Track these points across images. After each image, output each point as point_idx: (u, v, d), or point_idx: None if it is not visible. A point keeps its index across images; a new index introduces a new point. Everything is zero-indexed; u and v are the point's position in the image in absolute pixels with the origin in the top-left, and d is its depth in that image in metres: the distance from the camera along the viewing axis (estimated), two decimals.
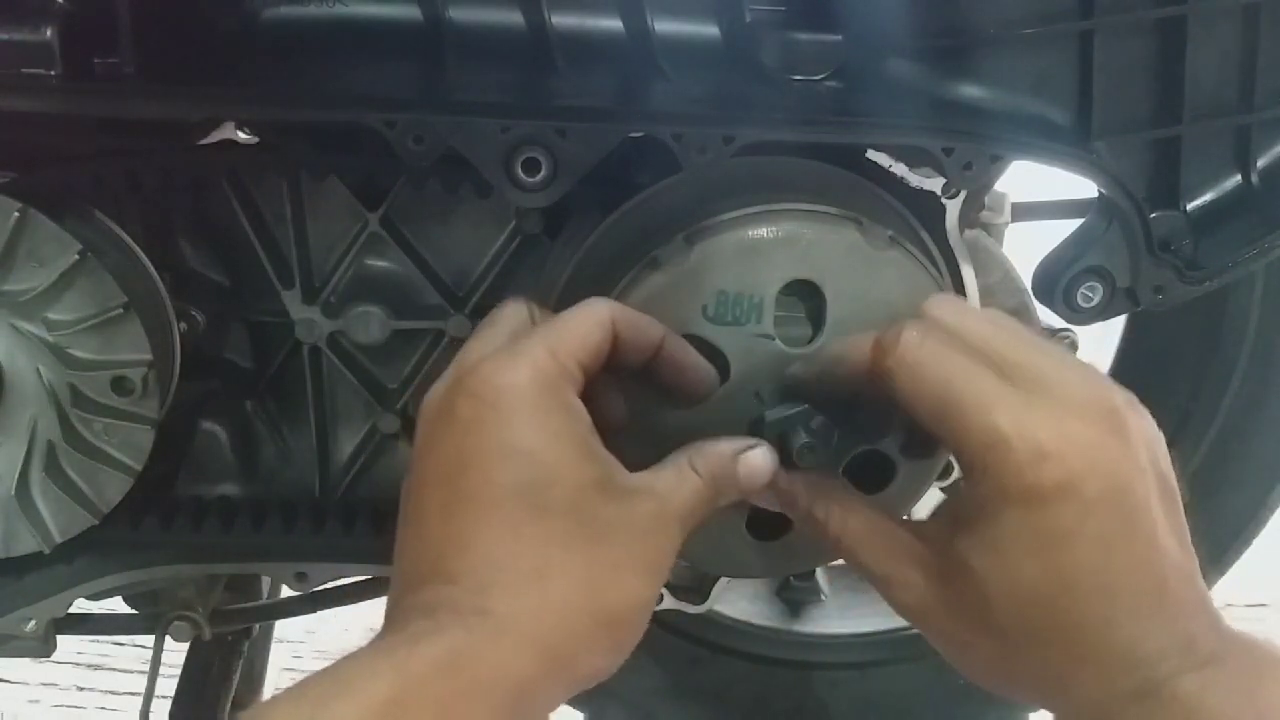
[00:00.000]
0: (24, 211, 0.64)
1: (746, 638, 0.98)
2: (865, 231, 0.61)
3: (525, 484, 0.51)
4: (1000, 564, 0.50)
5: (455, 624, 0.48)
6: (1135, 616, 0.49)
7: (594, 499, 0.51)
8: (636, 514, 0.53)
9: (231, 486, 0.80)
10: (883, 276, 0.61)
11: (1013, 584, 0.50)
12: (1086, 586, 0.49)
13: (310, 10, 0.66)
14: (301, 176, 0.73)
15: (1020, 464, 0.49)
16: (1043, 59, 0.68)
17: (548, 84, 0.67)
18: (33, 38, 0.61)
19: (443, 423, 0.53)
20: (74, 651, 1.47)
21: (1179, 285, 0.71)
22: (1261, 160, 0.72)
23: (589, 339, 0.54)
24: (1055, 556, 0.49)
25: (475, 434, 0.51)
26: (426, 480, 0.53)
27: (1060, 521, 0.49)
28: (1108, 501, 0.49)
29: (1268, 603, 1.61)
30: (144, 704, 0.84)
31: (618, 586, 0.51)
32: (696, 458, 0.56)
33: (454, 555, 0.50)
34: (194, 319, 0.74)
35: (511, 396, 0.51)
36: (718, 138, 0.62)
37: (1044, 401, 0.50)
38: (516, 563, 0.50)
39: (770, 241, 0.61)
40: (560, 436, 0.52)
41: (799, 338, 0.61)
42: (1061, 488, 0.48)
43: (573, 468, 0.51)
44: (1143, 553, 0.49)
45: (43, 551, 0.71)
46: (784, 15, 0.68)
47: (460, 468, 0.51)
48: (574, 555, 0.51)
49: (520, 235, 0.75)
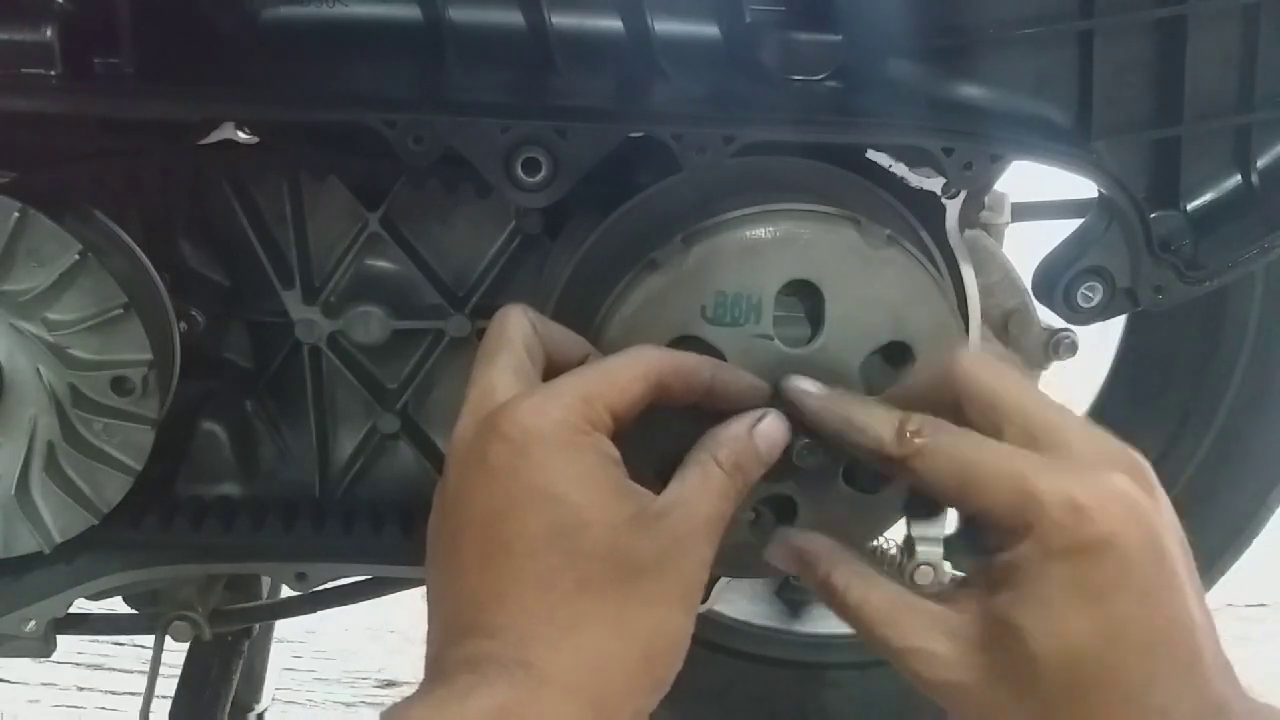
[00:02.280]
0: (24, 211, 0.64)
1: (747, 638, 0.98)
2: (863, 231, 0.61)
3: (558, 530, 0.51)
4: (1047, 618, 0.49)
5: (500, 677, 0.48)
6: (1173, 675, 0.49)
7: (625, 537, 0.51)
8: (665, 538, 0.52)
9: (231, 486, 0.80)
10: (881, 275, 0.61)
11: (1061, 639, 0.49)
12: (1130, 641, 0.49)
13: (310, 10, 0.66)
14: (301, 176, 0.73)
15: (1060, 520, 0.49)
16: (1043, 59, 0.68)
17: (548, 84, 0.67)
18: (33, 38, 0.61)
19: (476, 467, 0.53)
20: (74, 651, 1.47)
21: (1179, 285, 0.71)
22: (1261, 160, 0.72)
23: (628, 391, 0.54)
24: (1101, 609, 0.49)
25: (509, 481, 0.52)
26: (462, 527, 0.53)
27: (1105, 573, 0.49)
28: (1147, 555, 0.49)
29: (1268, 603, 1.61)
30: (144, 704, 0.84)
31: (652, 622, 0.51)
32: (716, 449, 0.56)
33: (493, 607, 0.51)
34: (194, 319, 0.74)
35: (542, 442, 0.51)
36: (718, 138, 0.62)
37: (1072, 461, 0.51)
38: (552, 614, 0.50)
39: (768, 242, 0.61)
40: (590, 478, 0.52)
41: (798, 337, 0.61)
42: (1103, 540, 0.49)
43: (604, 508, 0.51)
44: (1180, 610, 0.49)
45: (43, 551, 0.71)
46: (784, 15, 0.68)
47: (496, 516, 0.52)
48: (608, 601, 0.51)
49: (520, 235, 0.75)
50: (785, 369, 0.60)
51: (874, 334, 0.62)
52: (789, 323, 0.61)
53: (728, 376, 0.58)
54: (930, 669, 0.53)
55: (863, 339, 0.61)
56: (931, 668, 0.53)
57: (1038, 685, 0.50)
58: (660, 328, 0.61)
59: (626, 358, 0.56)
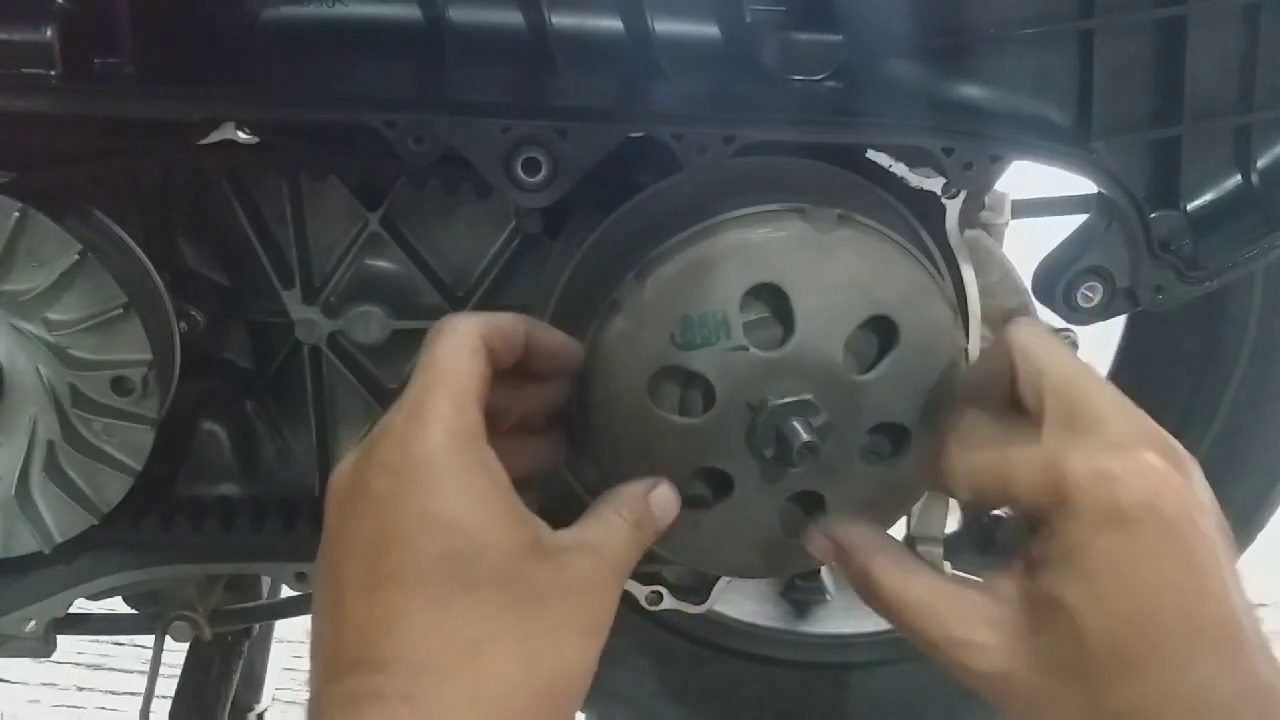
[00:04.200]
0: (24, 211, 0.64)
1: (752, 639, 0.98)
2: (811, 218, 0.60)
3: (452, 555, 0.48)
4: (1094, 593, 0.49)
5: (381, 716, 0.45)
6: (1215, 652, 0.48)
7: (526, 564, 0.49)
8: (570, 573, 0.50)
9: (231, 486, 0.80)
10: (839, 257, 0.60)
11: (1107, 612, 0.49)
12: (1173, 608, 0.48)
13: (310, 10, 0.66)
14: (301, 176, 0.73)
15: (1095, 491, 0.49)
16: (1043, 59, 0.68)
17: (548, 84, 0.67)
18: (33, 38, 0.61)
19: (356, 499, 0.50)
20: (74, 651, 1.47)
21: (1179, 285, 0.71)
22: (1261, 160, 0.72)
23: (474, 378, 0.52)
24: (1145, 576, 0.48)
25: (395, 509, 0.49)
26: (344, 562, 0.50)
27: (1146, 540, 0.48)
28: (1184, 522, 0.49)
29: (1268, 603, 1.60)
30: (144, 704, 0.84)
31: (557, 653, 0.49)
32: (620, 505, 0.55)
33: (380, 640, 0.47)
34: (194, 319, 0.74)
35: (430, 465, 0.49)
36: (718, 138, 0.62)
37: (1105, 438, 0.51)
38: (448, 643, 0.47)
39: (716, 255, 0.60)
40: (484, 501, 0.49)
41: (772, 339, 0.61)
42: (1141, 506, 0.48)
43: (500, 533, 0.49)
44: (1219, 584, 0.49)
45: (43, 551, 0.71)
46: (784, 15, 0.68)
47: (381, 545, 0.48)
48: (508, 627, 0.48)
49: (520, 235, 0.75)
50: (768, 374, 0.60)
51: (848, 316, 0.61)
52: (760, 326, 0.61)
53: (539, 331, 0.58)
54: (976, 660, 0.52)
55: (838, 324, 0.61)
56: (977, 659, 0.52)
57: (1086, 667, 0.49)
58: (637, 364, 0.60)
59: (448, 339, 0.53)
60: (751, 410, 0.60)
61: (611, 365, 0.60)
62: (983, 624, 0.52)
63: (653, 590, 0.81)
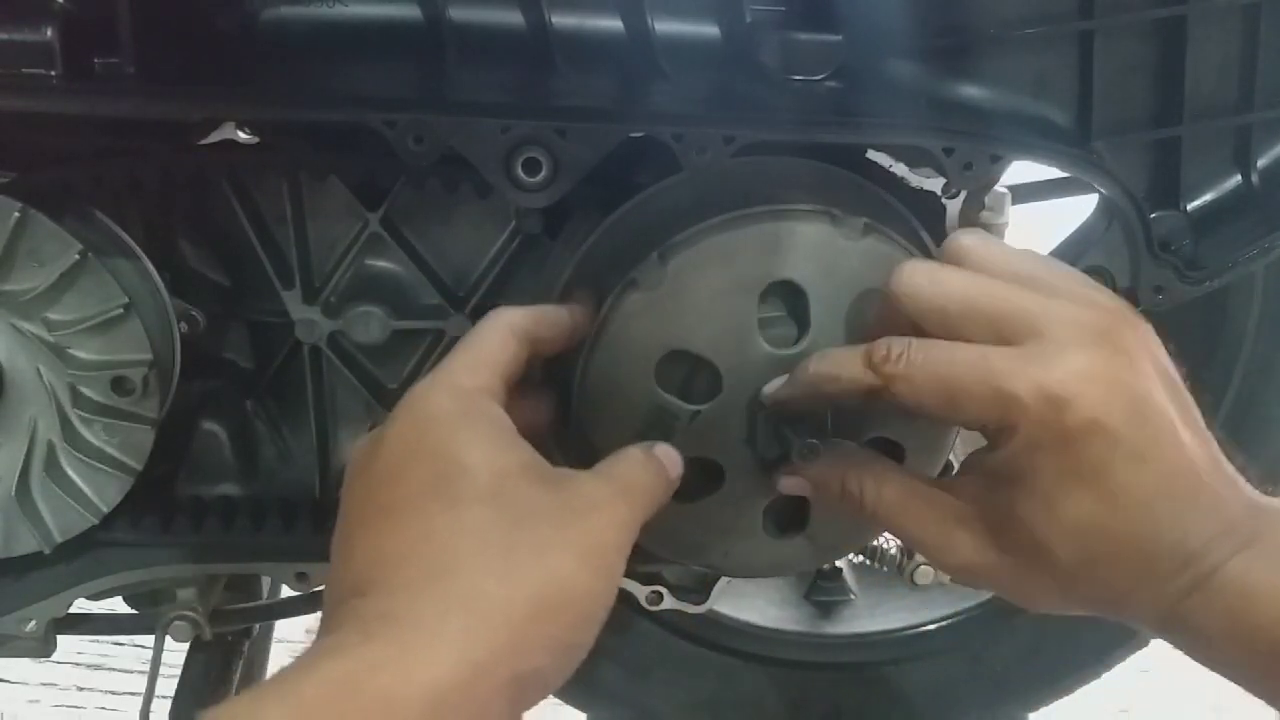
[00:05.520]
0: (24, 211, 0.64)
1: (778, 644, 0.98)
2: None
3: (439, 478, 0.49)
4: (1047, 508, 0.51)
5: (356, 638, 0.44)
6: (1177, 519, 0.50)
7: (516, 483, 0.49)
8: (569, 494, 0.50)
9: (231, 486, 0.80)
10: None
11: (1063, 523, 0.51)
12: (1130, 505, 0.50)
13: (310, 10, 0.66)
14: (301, 176, 0.73)
15: (1042, 416, 0.50)
16: (1043, 59, 0.68)
17: (548, 84, 0.67)
18: (33, 38, 0.61)
19: (372, 452, 0.52)
20: (74, 651, 1.47)
21: (1179, 285, 0.71)
22: (1261, 160, 0.72)
23: (501, 353, 0.55)
24: (1096, 487, 0.50)
25: (400, 452, 0.51)
26: (348, 507, 0.52)
27: (1094, 455, 0.50)
28: (1131, 422, 0.50)
29: None
30: (144, 704, 0.84)
31: (544, 570, 0.47)
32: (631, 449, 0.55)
33: (370, 567, 0.47)
34: (194, 319, 0.74)
35: (431, 418, 0.51)
36: (718, 138, 0.62)
37: (1043, 347, 0.51)
38: (427, 561, 0.46)
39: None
40: (477, 436, 0.50)
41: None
42: (1087, 425, 0.50)
43: (488, 455, 0.49)
44: (1172, 457, 0.51)
45: (43, 551, 0.71)
46: (784, 15, 0.68)
47: (378, 483, 0.50)
48: (489, 544, 0.47)
49: (520, 235, 0.75)
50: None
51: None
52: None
53: (582, 319, 0.60)
54: (954, 556, 0.56)
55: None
56: (956, 555, 0.56)
57: (1052, 564, 0.52)
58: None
59: (485, 323, 0.56)
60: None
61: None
62: (953, 523, 0.55)
63: (653, 590, 0.81)
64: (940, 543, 0.56)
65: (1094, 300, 0.54)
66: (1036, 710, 1.02)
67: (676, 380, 0.62)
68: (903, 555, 0.95)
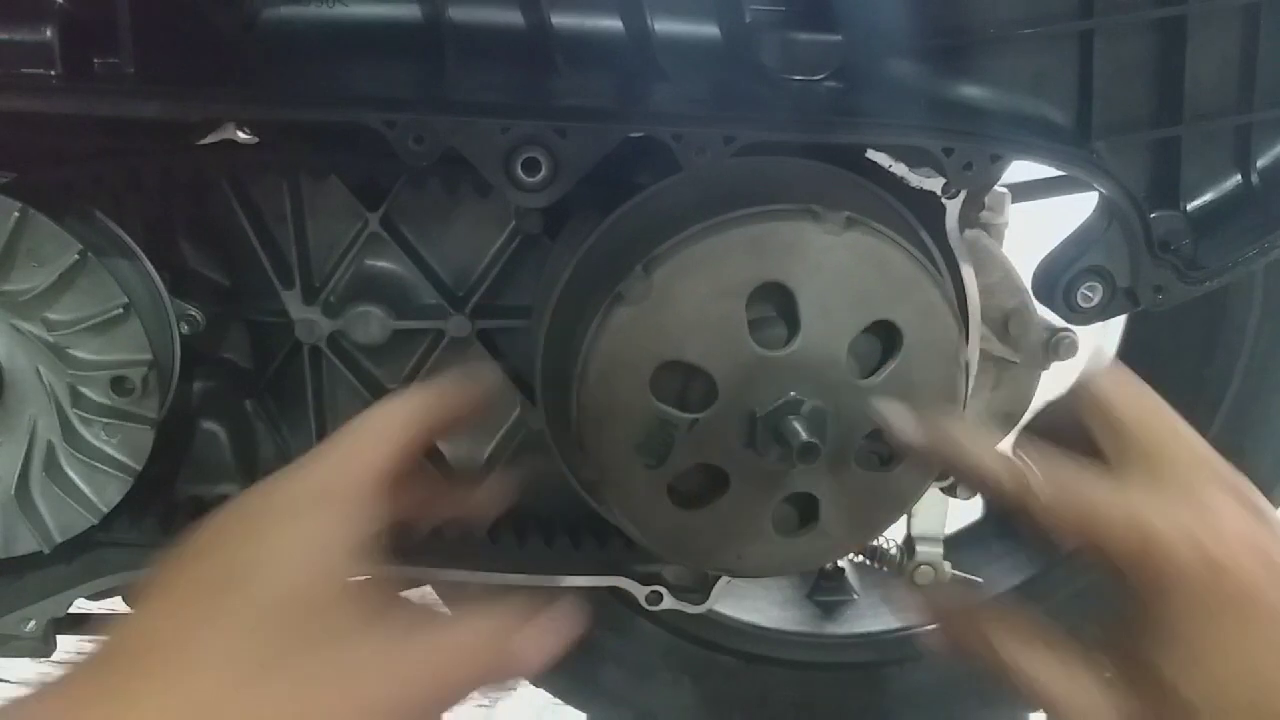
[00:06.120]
0: (24, 211, 0.64)
1: (782, 644, 0.98)
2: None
3: (228, 578, 0.47)
4: (1200, 671, 0.49)
5: (77, 699, 0.44)
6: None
7: (306, 609, 0.46)
8: (365, 642, 0.46)
9: (231, 486, 0.80)
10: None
11: (1214, 688, 0.49)
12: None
13: (310, 10, 0.66)
14: (301, 176, 0.73)
15: (1198, 576, 0.49)
16: (1043, 59, 0.68)
17: (548, 84, 0.67)
18: (33, 38, 0.61)
19: (208, 521, 0.50)
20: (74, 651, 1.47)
21: (1179, 285, 0.71)
22: (1261, 160, 0.72)
23: (382, 447, 0.52)
24: (1253, 664, 0.49)
25: (213, 531, 0.49)
26: (163, 567, 0.49)
27: (1255, 632, 0.49)
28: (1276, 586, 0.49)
29: None
30: None
31: (294, 705, 0.44)
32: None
33: (135, 633, 0.46)
34: (194, 319, 0.74)
35: (259, 513, 0.49)
36: (718, 138, 0.62)
37: (1179, 488, 0.51)
38: (174, 653, 0.44)
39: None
40: (295, 546, 0.47)
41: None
42: (1245, 595, 0.49)
43: (291, 572, 0.47)
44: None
45: (43, 551, 0.71)
46: (784, 15, 0.68)
47: (188, 554, 0.49)
48: (240, 658, 0.44)
49: (520, 235, 0.75)
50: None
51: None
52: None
53: (490, 386, 0.60)
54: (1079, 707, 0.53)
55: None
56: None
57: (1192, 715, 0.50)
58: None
59: (377, 413, 0.54)
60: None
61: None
62: (1089, 685, 0.53)
63: (652, 590, 0.81)
64: (1082, 711, 0.53)
65: (1226, 465, 0.53)
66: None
67: (673, 390, 0.61)
68: (903, 555, 0.95)
